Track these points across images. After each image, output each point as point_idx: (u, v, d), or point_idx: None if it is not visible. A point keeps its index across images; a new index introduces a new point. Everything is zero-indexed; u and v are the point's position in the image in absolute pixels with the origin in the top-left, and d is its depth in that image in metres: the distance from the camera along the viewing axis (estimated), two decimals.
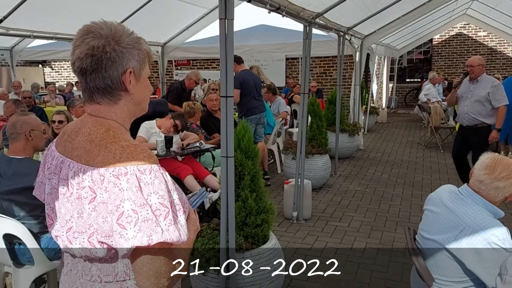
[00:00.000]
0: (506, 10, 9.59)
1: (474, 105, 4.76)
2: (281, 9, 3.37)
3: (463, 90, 4.91)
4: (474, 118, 4.78)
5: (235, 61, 5.92)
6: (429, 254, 2.11)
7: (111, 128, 1.16)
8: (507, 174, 1.97)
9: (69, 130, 1.24)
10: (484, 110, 4.73)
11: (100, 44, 1.12)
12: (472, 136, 4.87)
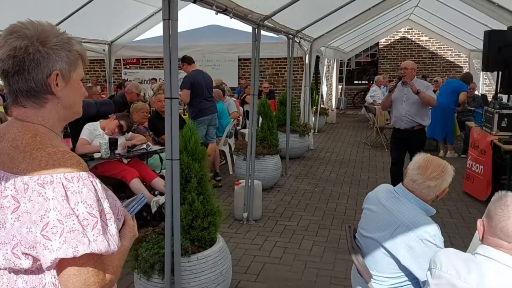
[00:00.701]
0: (445, 17, 10.16)
1: (412, 107, 4.84)
2: (228, 10, 3.37)
3: (397, 94, 4.96)
4: (412, 120, 4.85)
5: (186, 61, 5.86)
6: (367, 252, 2.19)
7: (38, 134, 1.11)
8: (438, 174, 2.08)
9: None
10: (421, 112, 4.85)
11: (22, 45, 1.07)
12: (410, 139, 4.92)
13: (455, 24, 10.20)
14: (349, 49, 13.69)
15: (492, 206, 1.51)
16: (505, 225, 1.43)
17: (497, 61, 5.66)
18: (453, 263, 1.54)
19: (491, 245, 1.47)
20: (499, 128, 5.10)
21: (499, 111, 5.11)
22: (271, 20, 4.54)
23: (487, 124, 5.38)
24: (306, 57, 7.97)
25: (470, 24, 8.96)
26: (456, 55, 14.29)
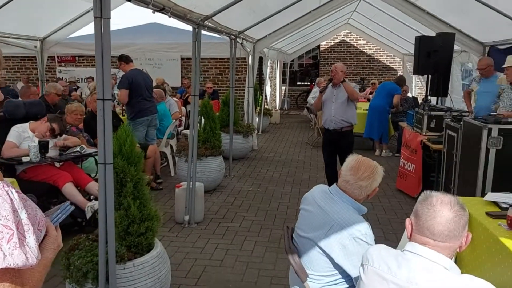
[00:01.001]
0: (381, 22, 10.65)
1: (340, 107, 4.97)
2: (166, 10, 3.30)
3: (328, 95, 5.09)
4: (341, 120, 4.99)
5: (123, 60, 5.66)
6: (304, 251, 2.23)
7: None
8: (368, 175, 2.17)
9: None
10: (348, 112, 5.01)
11: None
12: (339, 140, 5.08)
13: (390, 29, 10.73)
14: (292, 51, 13.96)
15: (419, 206, 1.59)
16: (431, 224, 1.50)
17: (427, 65, 6.01)
18: (384, 259, 1.60)
19: (418, 242, 1.55)
20: (428, 129, 5.42)
21: (428, 113, 5.43)
22: (211, 20, 4.51)
23: (417, 125, 5.70)
24: (249, 58, 8.01)
25: (404, 29, 9.46)
26: (391, 59, 15.03)
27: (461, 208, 1.50)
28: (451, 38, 5.99)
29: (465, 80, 8.86)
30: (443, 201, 1.51)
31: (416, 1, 6.69)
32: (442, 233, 1.49)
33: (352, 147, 5.11)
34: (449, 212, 1.48)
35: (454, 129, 4.25)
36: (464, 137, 3.92)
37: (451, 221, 1.48)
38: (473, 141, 3.60)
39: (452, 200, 1.51)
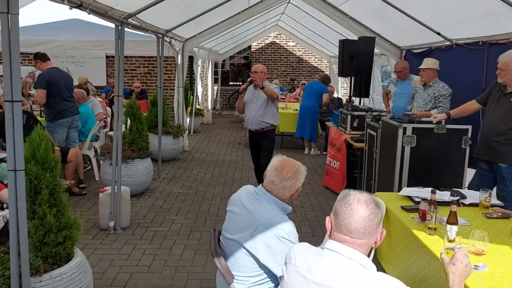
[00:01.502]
0: (308, 25, 11.00)
1: (260, 108, 4.97)
2: (84, 6, 3.12)
3: (249, 96, 5.06)
4: (262, 121, 4.99)
5: (39, 58, 5.29)
6: (230, 253, 2.23)
7: None
8: (292, 175, 2.22)
9: None
10: (268, 112, 5.00)
11: None
12: (260, 140, 5.08)
13: (317, 32, 11.12)
14: (223, 50, 13.95)
15: (338, 204, 1.64)
16: (349, 222, 1.56)
17: (350, 67, 6.32)
18: (305, 257, 1.64)
19: (337, 240, 1.60)
20: (351, 128, 5.69)
21: (351, 113, 5.70)
22: (136, 18, 4.35)
23: (342, 124, 5.96)
24: (178, 57, 7.87)
25: (330, 33, 9.86)
26: (319, 61, 15.58)
27: (376, 206, 1.58)
28: (372, 42, 6.34)
29: (384, 82, 9.42)
30: (360, 200, 1.58)
31: (340, 6, 6.99)
32: (358, 230, 1.55)
33: (273, 145, 5.20)
34: (364, 210, 1.56)
35: (373, 128, 4.49)
36: (383, 135, 4.17)
37: (366, 219, 1.55)
38: (390, 140, 3.84)
39: (368, 199, 1.59)
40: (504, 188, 3.48)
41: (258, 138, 5.14)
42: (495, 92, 3.65)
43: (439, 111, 4.67)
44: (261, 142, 5.13)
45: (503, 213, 2.60)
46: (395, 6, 5.56)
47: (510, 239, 2.26)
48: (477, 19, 4.64)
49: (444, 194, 2.85)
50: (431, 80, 4.93)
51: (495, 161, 3.55)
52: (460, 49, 5.43)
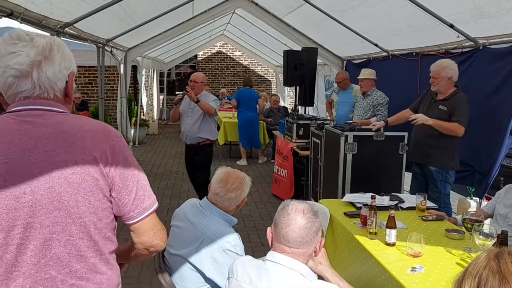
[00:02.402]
0: (253, 35, 11.15)
1: (195, 123, 4.70)
2: (15, 15, 2.96)
3: (184, 107, 4.77)
4: (197, 136, 4.73)
5: None
6: (174, 269, 2.18)
7: None
8: (237, 186, 2.22)
9: None
10: (204, 128, 4.74)
11: None
12: (195, 155, 4.82)
13: (262, 42, 11.29)
14: (169, 60, 13.78)
15: (277, 215, 1.66)
16: (286, 231, 1.58)
17: (295, 77, 6.46)
18: (247, 271, 1.64)
19: (277, 251, 1.62)
20: (297, 136, 5.80)
21: (296, 122, 5.82)
22: (73, 27, 4.18)
23: (288, 133, 6.06)
24: (120, 67, 7.65)
25: (274, 43, 10.04)
26: (265, 70, 15.81)
27: (313, 215, 1.61)
28: (315, 53, 6.53)
29: (328, 91, 9.73)
30: (297, 209, 1.61)
31: (283, 17, 7.15)
32: (295, 240, 1.57)
33: (209, 162, 4.93)
34: (301, 220, 1.58)
35: (318, 137, 4.61)
36: (326, 143, 4.29)
37: (303, 228, 1.58)
38: (333, 147, 3.95)
39: (306, 208, 1.62)
40: (436, 189, 3.73)
41: (192, 152, 4.85)
42: (425, 99, 3.93)
43: (377, 119, 4.90)
44: (196, 158, 4.83)
45: (437, 215, 2.75)
46: (335, 18, 5.78)
47: (444, 240, 2.40)
48: (410, 31, 4.92)
49: (384, 199, 2.98)
50: (369, 89, 5.16)
51: (426, 164, 3.80)
52: (396, 60, 5.73)
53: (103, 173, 1.23)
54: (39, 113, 1.23)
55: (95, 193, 1.23)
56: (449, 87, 3.72)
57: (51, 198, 1.17)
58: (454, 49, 4.44)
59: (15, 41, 1.22)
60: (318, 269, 1.88)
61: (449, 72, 3.68)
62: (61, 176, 1.18)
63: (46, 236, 1.18)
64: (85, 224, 1.23)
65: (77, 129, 1.24)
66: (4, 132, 1.19)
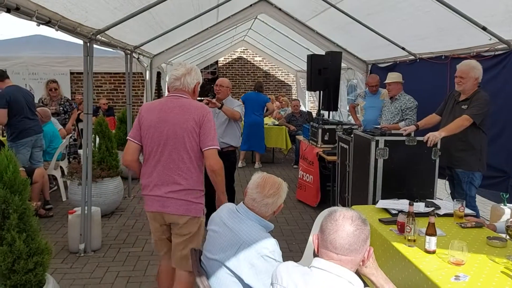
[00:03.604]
0: (275, 40, 11.16)
1: (219, 129, 4.49)
2: (53, 23, 3.03)
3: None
4: (221, 142, 4.53)
5: None
6: (212, 273, 2.18)
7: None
8: (274, 192, 2.21)
9: None
10: (228, 133, 4.67)
11: None
12: (223, 162, 4.74)
13: (284, 47, 11.29)
14: None
15: (324, 221, 1.64)
16: (334, 238, 1.56)
17: (318, 81, 6.43)
18: (292, 277, 1.62)
19: (324, 257, 1.59)
20: (323, 141, 5.76)
21: (322, 126, 5.78)
22: (104, 34, 4.26)
23: (313, 138, 6.03)
24: (146, 73, 7.76)
25: (296, 47, 10.03)
26: (285, 75, 15.79)
27: (362, 223, 1.58)
28: (339, 57, 6.49)
29: (350, 95, 9.65)
30: (345, 216, 1.58)
31: (306, 22, 7.14)
32: (343, 247, 1.55)
33: (234, 166, 4.87)
34: (350, 226, 1.56)
35: (345, 142, 4.57)
36: (355, 149, 4.24)
37: (351, 235, 1.55)
38: (363, 153, 3.90)
39: (354, 215, 1.59)
40: (461, 191, 3.78)
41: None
42: (449, 102, 3.99)
43: (406, 124, 4.83)
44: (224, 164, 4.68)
45: (476, 223, 2.68)
46: (361, 22, 5.74)
47: (486, 248, 2.33)
48: (439, 34, 4.85)
49: (419, 205, 2.92)
50: (397, 93, 5.09)
51: (453, 166, 3.85)
52: (423, 63, 5.65)
53: (197, 124, 2.63)
54: (178, 96, 2.73)
55: (192, 132, 2.63)
56: (474, 87, 3.76)
57: (173, 133, 2.63)
58: (486, 52, 4.35)
59: (177, 65, 2.77)
60: (363, 271, 1.83)
61: (477, 73, 3.73)
62: (179, 123, 2.63)
63: (170, 150, 2.64)
64: (186, 146, 2.63)
65: (189, 105, 2.69)
66: (163, 102, 2.73)
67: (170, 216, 2.69)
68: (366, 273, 1.84)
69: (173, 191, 2.65)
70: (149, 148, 2.69)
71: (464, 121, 3.62)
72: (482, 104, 3.64)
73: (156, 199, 2.68)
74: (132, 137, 2.74)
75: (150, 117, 2.69)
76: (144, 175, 2.74)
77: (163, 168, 2.65)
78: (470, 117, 3.61)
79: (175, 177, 2.64)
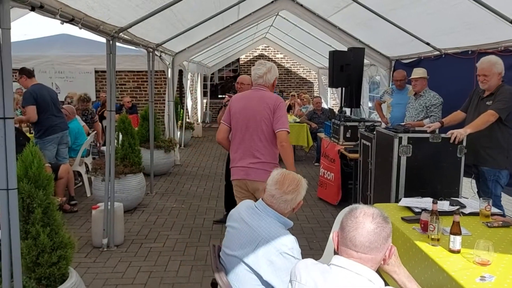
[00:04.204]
0: (297, 37, 11.09)
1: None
2: (76, 21, 3.08)
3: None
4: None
5: (25, 74, 5.20)
6: (231, 270, 2.17)
7: None
8: (293, 188, 2.18)
9: None
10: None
11: None
12: None
13: (305, 44, 11.21)
14: (212, 64, 13.99)
15: (344, 218, 1.60)
16: (353, 235, 1.52)
17: (340, 78, 6.35)
18: (311, 275, 1.60)
19: (344, 255, 1.56)
20: (344, 139, 5.69)
21: (344, 123, 5.71)
22: (127, 32, 4.32)
23: (334, 135, 5.96)
24: (168, 71, 7.84)
25: (318, 44, 9.94)
26: (307, 72, 15.69)
27: (383, 221, 1.54)
28: (362, 53, 6.39)
29: (372, 92, 9.50)
30: (366, 213, 1.54)
31: (328, 17, 7.06)
32: (363, 244, 1.51)
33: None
34: (370, 224, 1.52)
35: (368, 139, 4.49)
36: (378, 146, 4.16)
37: (371, 233, 1.51)
38: (385, 150, 3.83)
39: (375, 213, 1.55)
40: (487, 190, 3.71)
41: None
42: (474, 98, 3.90)
43: (431, 121, 4.72)
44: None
45: (504, 222, 2.60)
46: (384, 17, 5.63)
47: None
48: (466, 29, 4.71)
49: (444, 203, 2.84)
50: (422, 89, 4.97)
51: (478, 164, 3.76)
52: (449, 58, 5.50)
53: (271, 111, 3.25)
54: (258, 89, 3.38)
55: (267, 118, 3.26)
56: (498, 82, 3.67)
57: (253, 118, 3.29)
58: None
59: (259, 65, 3.41)
60: (385, 268, 1.79)
61: (499, 68, 3.65)
62: (258, 110, 3.28)
63: (251, 132, 3.30)
64: (262, 129, 3.28)
65: (266, 96, 3.34)
66: (247, 94, 3.46)
67: (252, 182, 3.35)
68: (388, 271, 1.80)
69: (253, 162, 3.34)
70: (235, 129, 3.40)
71: (490, 116, 3.53)
72: (507, 98, 3.54)
73: (241, 169, 3.39)
74: (224, 120, 3.48)
75: (237, 105, 3.41)
76: (232, 151, 3.45)
77: (245, 146, 3.35)
78: (495, 111, 3.52)
79: (255, 153, 3.33)
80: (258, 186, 3.25)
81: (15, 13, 4.83)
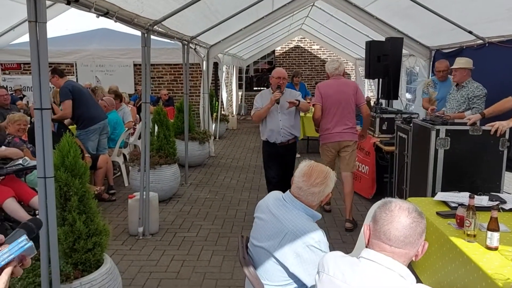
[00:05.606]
0: (333, 28, 10.87)
1: (289, 119, 4.53)
2: (111, 14, 3.16)
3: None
4: (290, 132, 4.56)
5: (57, 74, 5.37)
6: (258, 261, 2.18)
7: None
8: (321, 181, 2.14)
9: None
10: (295, 123, 4.61)
11: None
12: (285, 154, 4.63)
13: (342, 34, 10.97)
14: (247, 56, 13.98)
15: (378, 211, 1.56)
16: (388, 229, 1.48)
17: (377, 69, 6.18)
18: (340, 267, 1.57)
19: (375, 249, 1.52)
20: (380, 131, 5.55)
21: (380, 115, 5.56)
22: (161, 25, 4.38)
23: (370, 127, 5.81)
24: (203, 64, 7.91)
25: (355, 34, 9.71)
26: (344, 63, 15.38)
27: (418, 216, 1.49)
28: (400, 43, 6.19)
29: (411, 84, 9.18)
30: (402, 207, 1.49)
31: (365, 7, 6.86)
32: (397, 239, 1.46)
33: (294, 160, 4.78)
34: (406, 218, 1.47)
35: (404, 131, 4.36)
36: (414, 138, 4.03)
37: (407, 227, 1.46)
38: (422, 142, 3.70)
39: (411, 207, 1.50)
40: None
41: (282, 152, 4.60)
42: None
43: (473, 113, 4.49)
44: (286, 158, 4.66)
45: None
46: (423, 5, 5.41)
47: None
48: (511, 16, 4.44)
49: (482, 198, 2.72)
50: (464, 80, 4.74)
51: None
52: (493, 48, 5.22)
53: (353, 92, 4.70)
54: (340, 78, 4.78)
55: (352, 97, 4.69)
56: None
57: (345, 98, 4.67)
58: None
59: (333, 62, 4.91)
60: None
61: None
62: (347, 92, 4.69)
63: (342, 107, 4.66)
64: (351, 105, 4.70)
65: (348, 82, 5.06)
66: (333, 81, 4.76)
67: (345, 142, 4.69)
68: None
69: (345, 128, 4.66)
70: (330, 106, 4.65)
71: None
72: None
73: (337, 134, 4.65)
74: (317, 101, 4.69)
75: (329, 90, 4.66)
76: (326, 122, 4.69)
77: (338, 117, 4.65)
78: None
79: (346, 121, 4.65)
80: (349, 143, 4.71)
81: (57, 9, 5.03)
